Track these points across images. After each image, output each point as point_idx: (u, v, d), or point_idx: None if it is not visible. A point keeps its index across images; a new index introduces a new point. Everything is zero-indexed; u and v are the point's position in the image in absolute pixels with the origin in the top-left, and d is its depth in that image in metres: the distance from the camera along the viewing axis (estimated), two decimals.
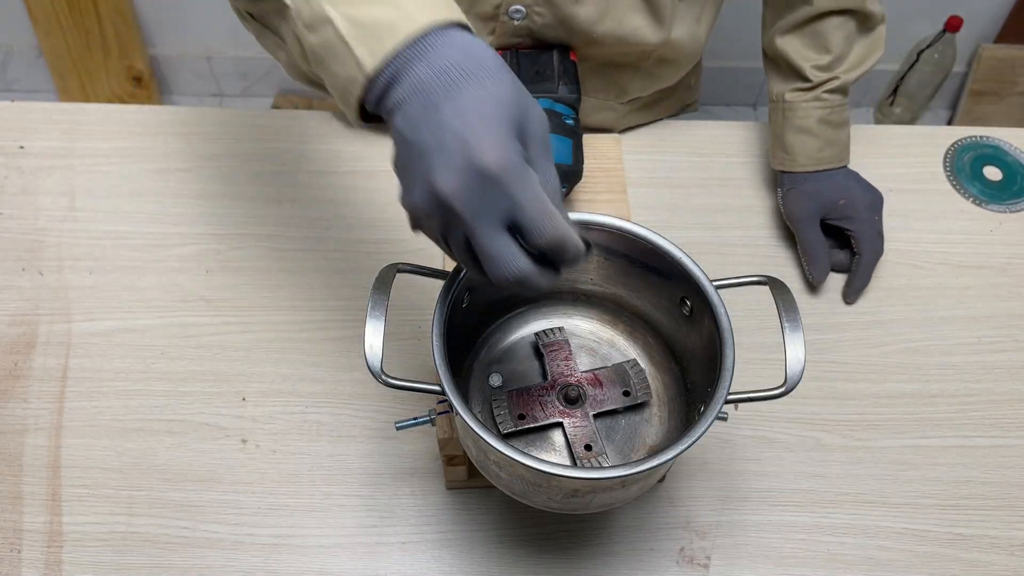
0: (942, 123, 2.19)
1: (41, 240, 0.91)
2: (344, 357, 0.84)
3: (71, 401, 0.81)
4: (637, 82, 0.94)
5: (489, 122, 0.46)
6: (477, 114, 0.46)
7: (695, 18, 0.89)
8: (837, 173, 0.91)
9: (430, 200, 0.47)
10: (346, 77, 0.50)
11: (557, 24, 0.83)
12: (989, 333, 0.89)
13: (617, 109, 0.97)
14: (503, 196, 0.46)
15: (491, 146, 0.46)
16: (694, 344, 0.66)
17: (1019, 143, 1.04)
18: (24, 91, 2.11)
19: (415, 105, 0.47)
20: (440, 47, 0.48)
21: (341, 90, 0.51)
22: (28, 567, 0.73)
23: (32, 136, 0.98)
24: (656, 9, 0.83)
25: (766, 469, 0.80)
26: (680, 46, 0.89)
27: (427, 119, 0.47)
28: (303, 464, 0.78)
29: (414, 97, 0.47)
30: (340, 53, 0.49)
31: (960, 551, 0.76)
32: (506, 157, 0.46)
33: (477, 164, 0.45)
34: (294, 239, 0.91)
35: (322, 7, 0.50)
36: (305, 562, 0.74)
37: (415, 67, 0.47)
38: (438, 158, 0.46)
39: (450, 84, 0.47)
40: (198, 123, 1.00)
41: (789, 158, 0.91)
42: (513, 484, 0.60)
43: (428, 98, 0.47)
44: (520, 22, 0.83)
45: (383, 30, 0.48)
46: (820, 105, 0.89)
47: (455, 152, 0.46)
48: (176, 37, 2.02)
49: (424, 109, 0.47)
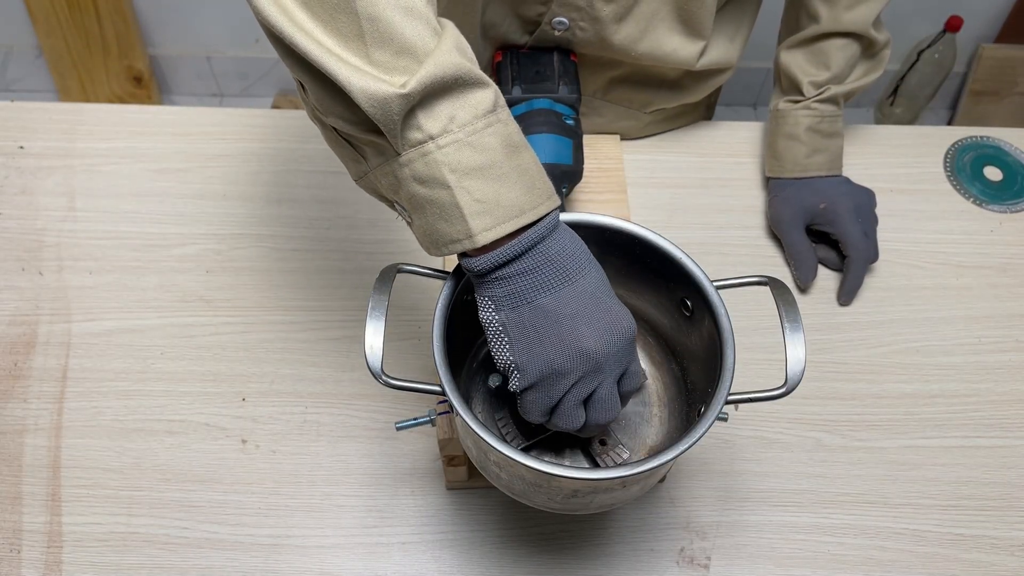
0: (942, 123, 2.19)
1: (41, 240, 0.91)
2: (344, 357, 0.84)
3: (71, 401, 0.81)
4: (665, 95, 0.95)
5: (613, 296, 0.57)
6: (604, 287, 0.56)
7: (729, 38, 0.91)
8: (823, 180, 0.92)
9: (577, 358, 0.54)
10: (448, 235, 0.53)
11: (597, 41, 0.84)
12: (989, 333, 0.89)
13: (640, 118, 0.98)
14: (632, 351, 0.57)
15: (625, 315, 0.56)
16: (694, 344, 0.66)
17: (1019, 143, 1.04)
18: (24, 91, 2.11)
19: (543, 276, 0.54)
20: (557, 232, 0.55)
21: (433, 237, 0.54)
22: (28, 567, 0.73)
23: (32, 136, 0.98)
24: (694, 30, 0.85)
25: (766, 469, 0.80)
26: (714, 65, 0.90)
27: (562, 292, 0.54)
28: (303, 464, 0.78)
29: (543, 270, 0.54)
30: (451, 216, 0.52)
31: (960, 551, 0.76)
32: (634, 324, 0.57)
33: (622, 329, 0.55)
34: (294, 239, 0.91)
35: (441, 172, 0.51)
36: (305, 562, 0.74)
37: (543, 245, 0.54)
38: (588, 325, 0.54)
39: (575, 263, 0.55)
40: (198, 123, 1.00)
41: (778, 164, 0.93)
42: (513, 484, 0.60)
43: (558, 273, 0.54)
44: (561, 33, 0.84)
45: (501, 211, 0.52)
46: (809, 114, 0.90)
47: (600, 319, 0.55)
48: (176, 37, 2.02)
49: (555, 283, 0.54)
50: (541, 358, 0.54)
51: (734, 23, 0.90)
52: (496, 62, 0.87)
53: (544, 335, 0.54)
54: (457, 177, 0.51)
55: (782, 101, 0.92)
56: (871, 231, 0.90)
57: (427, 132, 0.51)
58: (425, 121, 0.50)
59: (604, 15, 0.81)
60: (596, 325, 0.54)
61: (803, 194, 0.91)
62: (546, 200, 0.53)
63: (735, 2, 0.89)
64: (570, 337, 0.54)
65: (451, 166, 0.51)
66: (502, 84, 0.85)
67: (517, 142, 0.53)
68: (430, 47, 0.50)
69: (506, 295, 0.54)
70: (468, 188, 0.51)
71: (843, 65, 0.89)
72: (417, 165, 0.51)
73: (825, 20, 0.88)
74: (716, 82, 0.95)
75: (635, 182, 0.96)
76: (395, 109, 0.49)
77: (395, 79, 0.50)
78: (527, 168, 0.53)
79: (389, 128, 0.50)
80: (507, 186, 0.52)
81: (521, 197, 0.52)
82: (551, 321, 0.54)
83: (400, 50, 0.50)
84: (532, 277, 0.53)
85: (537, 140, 0.81)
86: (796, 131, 0.91)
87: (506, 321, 0.54)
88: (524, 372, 0.55)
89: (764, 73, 2.09)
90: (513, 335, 0.54)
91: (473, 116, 0.51)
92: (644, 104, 0.95)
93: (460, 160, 0.51)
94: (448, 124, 0.51)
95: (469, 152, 0.51)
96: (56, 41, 1.93)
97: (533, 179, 0.53)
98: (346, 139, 0.56)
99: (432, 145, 0.51)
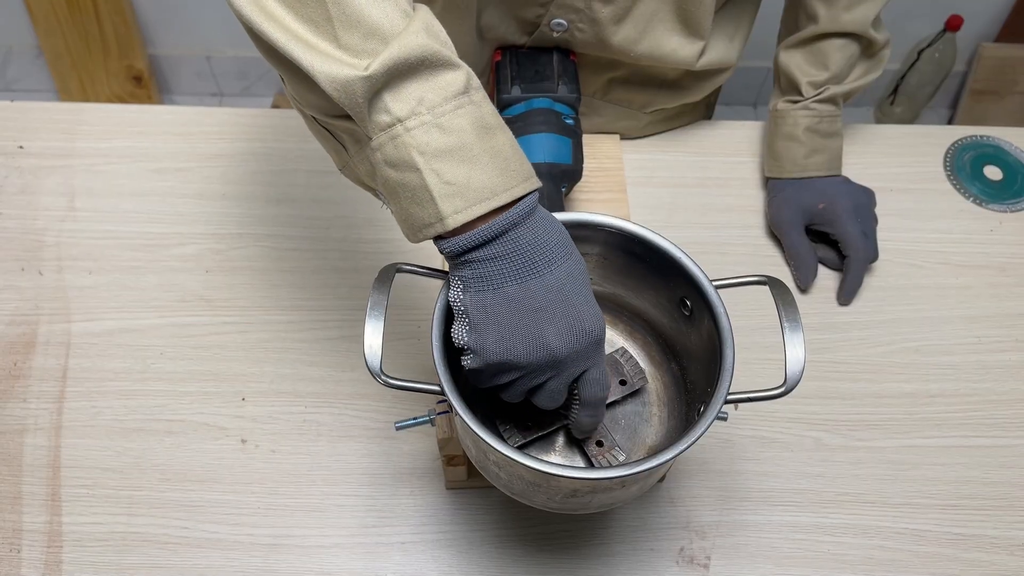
0: (942, 123, 2.19)
1: (40, 240, 0.91)
2: (344, 357, 0.84)
3: (71, 401, 0.81)
4: (665, 95, 0.95)
5: (586, 292, 0.55)
6: (575, 284, 0.54)
7: (729, 37, 0.90)
8: (822, 180, 0.91)
9: (539, 354, 0.53)
10: (421, 219, 0.52)
11: (596, 42, 0.84)
12: (989, 333, 0.89)
13: (640, 118, 0.97)
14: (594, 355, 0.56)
15: (594, 316, 0.55)
16: (694, 344, 0.66)
17: (1019, 143, 1.04)
18: (24, 91, 2.11)
19: (511, 264, 0.53)
20: (532, 218, 0.53)
21: (409, 222, 0.54)
22: (28, 567, 0.73)
23: (32, 136, 0.98)
24: (693, 31, 0.84)
25: (766, 469, 0.80)
26: (713, 65, 0.90)
27: (529, 284, 0.53)
28: (303, 464, 0.78)
29: (512, 258, 0.52)
30: (421, 199, 0.51)
31: (960, 551, 0.76)
32: (603, 326, 0.55)
33: (587, 330, 0.54)
34: (294, 239, 0.91)
35: (410, 155, 0.50)
36: (305, 562, 0.74)
37: (516, 231, 0.52)
38: (551, 321, 0.53)
39: (547, 255, 0.53)
40: (198, 123, 1.00)
41: (777, 164, 0.93)
42: (513, 484, 0.60)
43: (527, 263, 0.53)
44: (560, 34, 0.83)
45: (472, 193, 0.51)
46: (808, 114, 0.90)
47: (564, 316, 0.53)
48: (176, 37, 2.02)
49: (524, 272, 0.53)
50: (498, 347, 0.54)
51: (733, 23, 0.90)
52: (496, 62, 0.87)
53: (503, 324, 0.53)
54: (426, 159, 0.50)
55: (781, 101, 0.92)
56: (871, 231, 0.90)
57: (395, 115, 0.50)
58: (393, 104, 0.50)
59: (602, 16, 0.81)
60: (558, 323, 0.53)
61: (802, 194, 0.91)
62: (521, 182, 0.52)
63: (734, 2, 0.89)
64: (531, 331, 0.53)
65: (419, 148, 0.50)
66: (501, 83, 0.85)
67: (491, 123, 0.52)
68: (398, 29, 0.50)
69: (474, 278, 0.53)
70: (437, 170, 0.50)
71: (842, 65, 0.89)
72: (387, 149, 0.51)
73: (824, 20, 0.88)
74: (716, 82, 0.95)
75: (635, 182, 0.96)
76: (359, 92, 0.49)
77: (362, 62, 0.49)
78: (500, 150, 0.52)
79: (356, 112, 0.50)
80: (478, 168, 0.51)
81: (493, 179, 0.51)
82: (513, 311, 0.53)
83: (368, 33, 0.50)
84: (500, 264, 0.53)
85: (536, 140, 0.81)
86: (795, 131, 0.91)
87: (469, 304, 0.54)
88: (476, 356, 0.54)
89: (764, 73, 2.09)
90: (474, 318, 0.54)
91: (443, 98, 0.50)
92: (644, 104, 0.95)
93: (428, 142, 0.50)
94: (416, 106, 0.50)
95: (437, 134, 0.50)
96: (56, 41, 1.93)
97: (507, 161, 0.52)
98: (325, 127, 0.56)
99: (401, 128, 0.50)
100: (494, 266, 0.53)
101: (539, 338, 0.53)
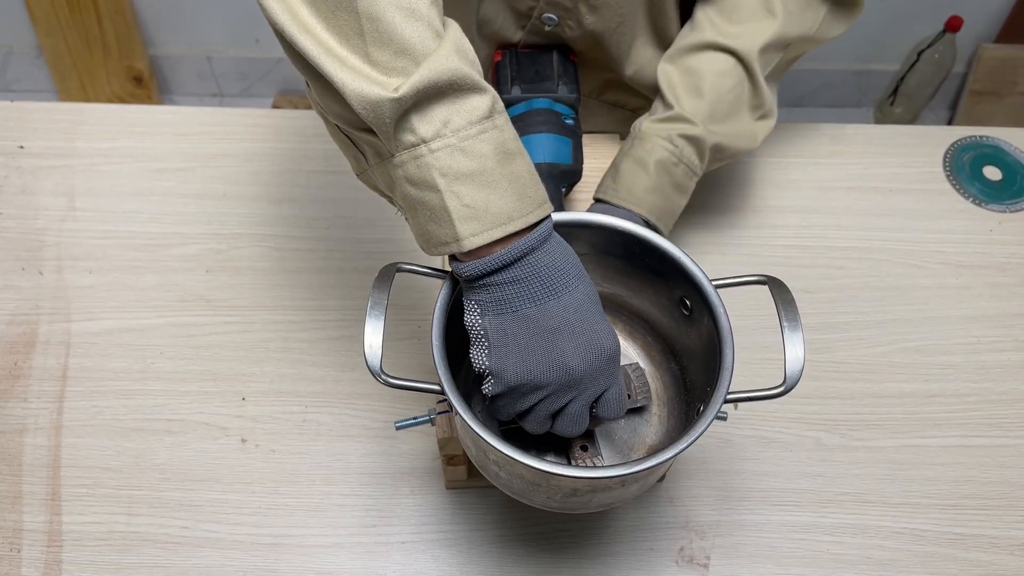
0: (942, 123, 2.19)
1: (41, 240, 0.91)
2: (344, 357, 0.84)
3: (71, 401, 0.81)
4: None
5: (600, 312, 0.56)
6: (591, 304, 0.55)
7: None
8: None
9: (558, 373, 0.54)
10: (438, 236, 0.53)
11: (591, 41, 0.84)
12: (988, 333, 0.89)
13: None
14: (612, 373, 0.56)
15: (610, 334, 0.56)
16: (693, 344, 0.66)
17: (1019, 143, 1.04)
18: (24, 91, 2.11)
19: (530, 287, 0.53)
20: (548, 243, 0.54)
21: (426, 237, 0.54)
22: (28, 567, 0.73)
23: (32, 136, 0.98)
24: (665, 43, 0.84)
25: (766, 469, 0.80)
26: None
27: (547, 304, 0.54)
28: (303, 464, 0.78)
29: (530, 281, 0.53)
30: (440, 218, 0.52)
31: (960, 551, 0.76)
32: (618, 344, 0.56)
33: (604, 348, 0.55)
34: (294, 239, 0.91)
35: (432, 176, 0.51)
36: (305, 562, 0.74)
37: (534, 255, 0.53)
38: (569, 340, 0.54)
39: (564, 277, 0.54)
40: (198, 123, 1.00)
41: (613, 187, 0.78)
42: (512, 483, 0.60)
43: (546, 285, 0.54)
44: (551, 28, 0.84)
45: (490, 217, 0.52)
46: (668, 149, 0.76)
47: (582, 334, 0.54)
48: (176, 37, 2.02)
49: (542, 294, 0.54)
50: (518, 368, 0.54)
51: None
52: (496, 62, 0.87)
53: (524, 345, 0.54)
54: (447, 181, 0.51)
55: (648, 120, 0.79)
56: None
57: (420, 135, 0.51)
58: (419, 124, 0.51)
59: (588, 23, 0.81)
60: (578, 340, 0.54)
61: None
62: (536, 208, 0.53)
63: None
64: (550, 350, 0.54)
65: (442, 170, 0.51)
66: (501, 84, 0.85)
67: (511, 149, 0.53)
68: (429, 49, 0.50)
69: (492, 301, 0.54)
70: (457, 193, 0.51)
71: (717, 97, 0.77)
72: (409, 167, 0.52)
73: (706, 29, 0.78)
74: None
75: None
76: (387, 113, 0.50)
77: (391, 81, 0.50)
78: (519, 175, 0.53)
79: (382, 130, 0.51)
80: (497, 193, 0.52)
81: (511, 204, 0.52)
82: (533, 332, 0.54)
83: (399, 51, 0.50)
84: (519, 287, 0.54)
85: (536, 140, 0.81)
86: (647, 159, 0.77)
87: (488, 327, 0.55)
88: (498, 379, 0.55)
89: None
90: (493, 341, 0.55)
91: (468, 122, 0.51)
92: (639, 107, 0.95)
93: (451, 165, 0.51)
94: (442, 128, 0.51)
95: (461, 157, 0.51)
96: (56, 41, 1.93)
97: (525, 186, 0.53)
98: (347, 136, 0.56)
99: (424, 148, 0.51)
100: (513, 289, 0.54)
101: (558, 357, 0.54)
